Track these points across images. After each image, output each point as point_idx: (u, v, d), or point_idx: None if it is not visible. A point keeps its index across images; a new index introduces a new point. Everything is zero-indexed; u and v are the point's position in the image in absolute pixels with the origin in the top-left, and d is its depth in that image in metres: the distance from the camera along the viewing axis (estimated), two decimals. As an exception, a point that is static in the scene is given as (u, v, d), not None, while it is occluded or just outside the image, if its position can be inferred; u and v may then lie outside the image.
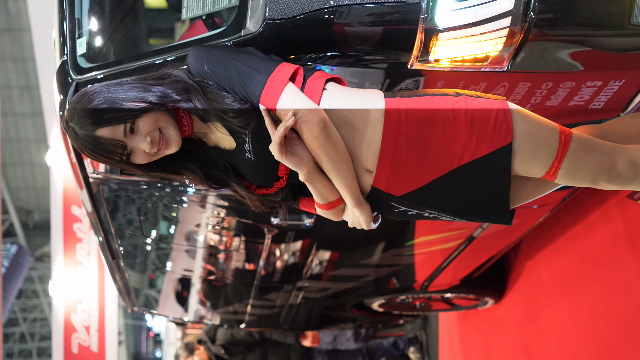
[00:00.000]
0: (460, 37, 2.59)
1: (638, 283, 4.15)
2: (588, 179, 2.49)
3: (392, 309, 6.57)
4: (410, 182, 2.47)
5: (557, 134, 2.43)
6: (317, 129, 2.33)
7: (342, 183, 2.44)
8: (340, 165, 2.40)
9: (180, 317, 7.02)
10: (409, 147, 2.41)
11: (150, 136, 2.40)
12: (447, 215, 2.58)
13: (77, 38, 3.06)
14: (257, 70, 2.37)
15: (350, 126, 2.44)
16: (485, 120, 2.41)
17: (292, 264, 5.02)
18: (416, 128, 2.41)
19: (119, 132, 2.38)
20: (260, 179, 2.58)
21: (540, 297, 5.45)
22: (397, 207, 2.56)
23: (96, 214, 4.23)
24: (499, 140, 2.40)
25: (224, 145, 2.56)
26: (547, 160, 2.44)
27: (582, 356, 4.75)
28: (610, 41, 2.66)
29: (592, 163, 2.45)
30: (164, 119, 2.43)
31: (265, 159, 2.48)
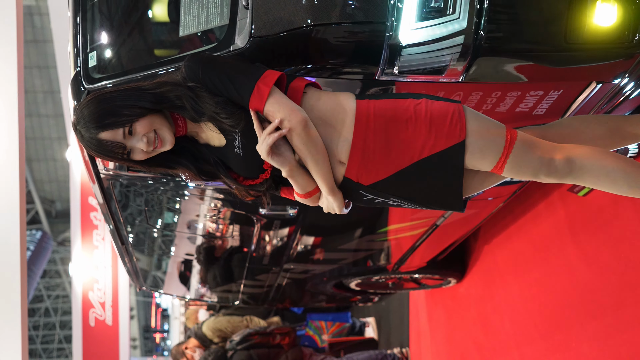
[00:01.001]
0: (420, 52, 2.62)
1: (576, 263, 4.19)
2: (530, 173, 2.52)
3: (367, 288, 6.59)
4: (377, 173, 2.51)
5: (504, 134, 2.47)
6: (299, 128, 2.37)
7: (319, 174, 2.48)
8: (318, 159, 2.44)
9: (183, 295, 7.03)
10: (377, 142, 2.46)
11: (146, 137, 2.44)
12: (409, 203, 2.62)
13: (89, 52, 3.08)
14: (246, 76, 2.40)
15: (327, 124, 2.48)
16: (443, 120, 2.44)
17: (278, 248, 5.03)
18: (382, 125, 2.45)
19: (118, 135, 2.43)
20: (248, 172, 2.61)
21: (496, 277, 5.48)
22: (365, 195, 2.59)
23: (107, 205, 4.24)
24: (454, 138, 2.44)
25: (214, 143, 2.59)
26: (495, 156, 2.47)
27: (530, 327, 4.78)
28: (549, 57, 2.69)
29: (534, 159, 2.49)
30: (158, 122, 2.47)
31: (252, 155, 2.50)
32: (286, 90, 2.48)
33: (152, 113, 2.45)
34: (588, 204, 4.10)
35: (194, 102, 2.42)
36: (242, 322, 8.31)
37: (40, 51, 21.37)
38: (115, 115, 2.40)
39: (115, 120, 2.40)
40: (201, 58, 2.50)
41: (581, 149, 2.53)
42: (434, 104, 2.49)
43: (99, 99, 2.43)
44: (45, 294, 32.05)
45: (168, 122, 2.51)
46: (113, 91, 2.46)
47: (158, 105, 2.44)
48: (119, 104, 2.41)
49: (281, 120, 2.36)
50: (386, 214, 4.66)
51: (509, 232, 5.20)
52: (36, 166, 25.91)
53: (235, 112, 2.41)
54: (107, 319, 12.86)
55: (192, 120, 2.51)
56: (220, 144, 2.58)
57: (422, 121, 2.44)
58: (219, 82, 2.41)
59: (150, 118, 2.45)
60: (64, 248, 28.86)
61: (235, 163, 2.59)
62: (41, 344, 33.05)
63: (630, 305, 3.62)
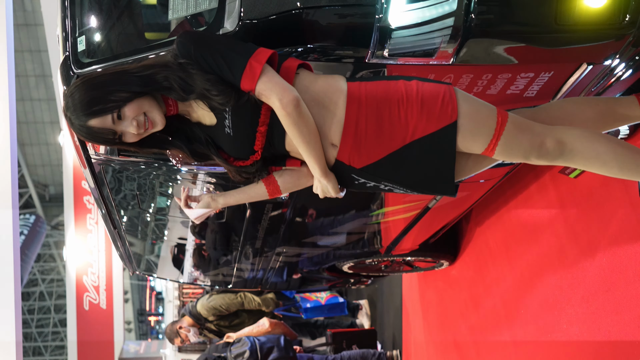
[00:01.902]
0: (410, 35, 2.61)
1: (567, 245, 4.19)
2: (521, 155, 2.52)
3: (360, 271, 6.60)
4: (369, 155, 2.50)
5: (495, 115, 2.47)
6: (291, 107, 2.36)
7: (311, 155, 2.47)
8: (310, 140, 2.43)
9: (177, 279, 7.02)
10: (368, 124, 2.45)
11: (136, 120, 2.43)
12: (400, 188, 2.61)
13: (78, 37, 3.05)
14: (239, 53, 2.38)
15: (319, 105, 2.47)
16: (434, 101, 2.44)
17: (271, 232, 5.03)
18: (374, 107, 2.45)
19: (107, 121, 2.41)
20: (238, 152, 2.60)
21: (487, 258, 5.49)
22: (357, 179, 2.59)
23: (98, 190, 4.22)
24: (446, 119, 2.43)
25: (205, 122, 2.58)
26: (486, 137, 2.47)
27: (522, 309, 4.79)
28: (540, 38, 2.67)
29: (525, 141, 2.49)
30: (147, 104, 2.45)
31: (243, 134, 2.50)
32: (278, 69, 2.46)
33: (140, 96, 2.43)
34: (579, 186, 4.10)
35: (182, 81, 2.40)
36: (237, 299, 8.30)
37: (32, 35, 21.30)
38: (102, 101, 2.38)
39: (103, 107, 2.38)
40: (193, 35, 2.49)
41: (572, 131, 2.53)
42: (424, 85, 2.48)
43: (87, 85, 2.40)
44: (40, 277, 32.06)
45: (157, 103, 2.49)
46: (100, 75, 2.44)
47: (146, 88, 2.42)
48: (106, 90, 2.39)
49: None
50: (378, 197, 4.65)
51: (500, 214, 5.20)
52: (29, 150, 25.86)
53: (226, 90, 2.39)
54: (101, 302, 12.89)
55: (181, 100, 2.49)
56: (211, 122, 2.56)
57: (414, 102, 2.43)
58: (211, 59, 2.39)
59: (139, 101, 2.43)
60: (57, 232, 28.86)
61: (226, 143, 2.58)
62: (36, 328, 33.10)
63: (621, 287, 3.62)
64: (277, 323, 7.90)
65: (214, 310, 8.15)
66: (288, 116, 2.37)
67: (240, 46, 2.42)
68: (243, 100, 2.41)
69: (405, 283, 7.93)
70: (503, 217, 5.16)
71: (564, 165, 2.58)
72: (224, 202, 2.81)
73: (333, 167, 2.57)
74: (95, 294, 12.67)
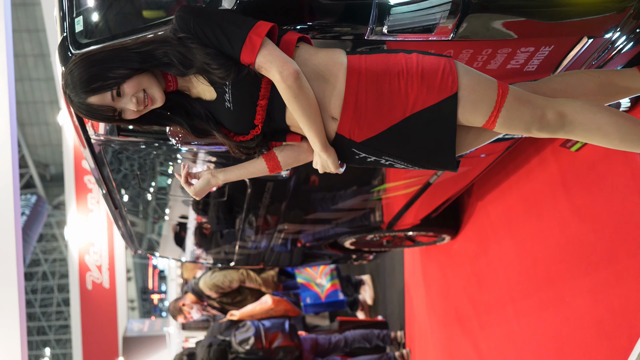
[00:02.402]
0: (409, 10, 2.59)
1: (570, 218, 4.19)
2: (522, 128, 2.52)
3: (362, 247, 6.61)
4: (369, 128, 2.50)
5: (496, 87, 2.47)
6: (291, 79, 2.35)
7: (311, 129, 2.46)
8: (310, 113, 2.42)
9: (179, 257, 7.04)
10: (368, 97, 2.45)
11: (135, 97, 2.43)
12: (401, 162, 2.61)
13: (76, 17, 3.04)
14: (238, 26, 2.37)
15: (319, 78, 2.47)
16: (434, 73, 2.44)
17: (272, 209, 5.03)
18: (374, 79, 2.45)
19: (107, 98, 2.41)
20: (238, 127, 2.59)
21: (489, 232, 5.50)
22: (357, 153, 2.59)
23: (99, 170, 4.22)
24: (446, 91, 2.43)
25: (205, 97, 2.57)
26: (487, 109, 2.47)
27: (524, 282, 4.81)
28: (540, 12, 2.66)
29: (526, 113, 2.49)
30: (146, 81, 2.45)
31: (243, 108, 2.50)
32: (278, 43, 2.45)
33: (139, 73, 2.42)
34: (581, 159, 4.09)
35: (181, 55, 2.40)
36: (239, 276, 8.32)
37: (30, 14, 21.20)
38: (102, 78, 2.37)
39: (102, 84, 2.38)
40: (193, 8, 2.49)
41: (573, 103, 2.53)
42: (425, 58, 2.48)
43: (85, 62, 2.39)
44: (42, 257, 32.16)
45: (157, 80, 2.49)
46: (99, 52, 2.43)
47: (145, 65, 2.42)
48: (105, 67, 2.38)
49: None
50: (379, 173, 4.65)
51: (502, 188, 5.20)
52: (29, 130, 25.84)
53: (226, 63, 2.38)
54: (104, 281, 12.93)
55: (181, 75, 2.49)
56: (211, 97, 2.55)
57: (414, 75, 2.43)
58: (210, 32, 2.38)
59: (138, 78, 2.42)
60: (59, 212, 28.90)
61: (226, 117, 2.57)
62: (40, 307, 33.24)
63: (623, 259, 3.63)
64: (280, 300, 7.93)
65: (216, 287, 8.17)
66: (288, 89, 2.36)
67: (240, 19, 2.41)
68: (243, 73, 2.40)
69: (407, 258, 7.94)
70: (504, 190, 5.16)
71: (565, 137, 2.58)
72: (224, 178, 2.80)
73: (333, 141, 2.57)
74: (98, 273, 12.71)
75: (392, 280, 8.62)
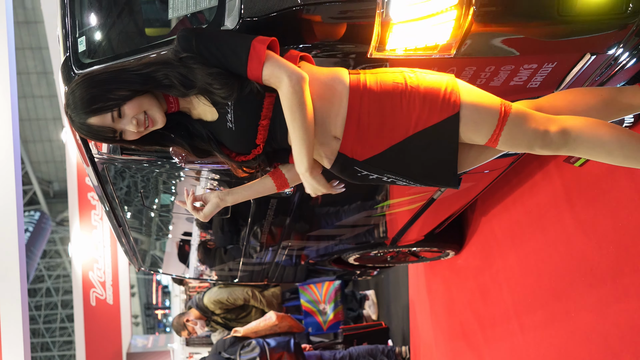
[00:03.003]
0: (412, 29, 2.60)
1: (573, 233, 4.18)
2: (525, 145, 2.52)
3: (366, 262, 6.60)
4: (371, 147, 2.50)
5: (498, 106, 2.47)
6: (300, 85, 2.35)
7: (303, 144, 2.44)
8: (307, 127, 2.41)
9: (183, 274, 7.03)
10: (371, 116, 2.46)
11: (135, 119, 2.43)
12: (404, 179, 2.61)
13: (79, 37, 3.05)
14: (241, 39, 2.39)
15: (321, 98, 2.47)
16: (436, 92, 2.44)
17: (276, 226, 5.03)
18: (376, 99, 2.46)
19: (107, 119, 2.41)
20: (240, 147, 2.59)
21: (493, 247, 5.48)
22: (360, 171, 2.59)
23: (102, 188, 4.22)
24: (448, 110, 2.43)
25: (207, 118, 2.57)
26: (489, 128, 2.47)
27: (529, 296, 4.79)
28: (542, 30, 2.66)
29: (528, 131, 2.49)
30: (147, 102, 2.45)
31: (245, 128, 2.50)
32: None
33: (140, 94, 2.43)
34: (584, 174, 4.08)
35: (182, 77, 2.41)
36: (244, 294, 8.30)
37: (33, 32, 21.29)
38: (102, 99, 2.38)
39: (103, 105, 2.38)
40: (195, 29, 2.54)
41: (576, 120, 2.53)
42: (427, 76, 2.49)
43: (87, 83, 2.40)
44: (46, 274, 32.14)
45: (158, 101, 2.49)
46: (101, 73, 2.44)
47: (145, 87, 2.42)
48: (106, 88, 2.39)
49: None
50: (383, 190, 4.65)
51: (506, 203, 5.19)
52: (32, 147, 25.89)
53: (229, 82, 2.39)
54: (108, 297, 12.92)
55: (182, 96, 2.49)
56: (212, 118, 2.55)
57: (416, 94, 2.44)
58: (214, 48, 2.39)
59: (139, 99, 2.43)
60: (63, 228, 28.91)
61: (228, 137, 2.57)
62: (44, 324, 33.20)
63: (628, 274, 3.62)
64: (284, 316, 7.91)
65: (220, 304, 8.16)
66: (295, 94, 2.35)
67: (241, 35, 2.43)
68: (245, 92, 2.41)
69: (411, 273, 7.93)
70: (508, 206, 5.15)
71: (569, 154, 2.57)
72: (232, 200, 2.80)
73: (336, 160, 2.57)
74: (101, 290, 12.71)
75: (397, 295, 8.60)
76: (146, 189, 4.54)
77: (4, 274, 8.29)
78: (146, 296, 35.62)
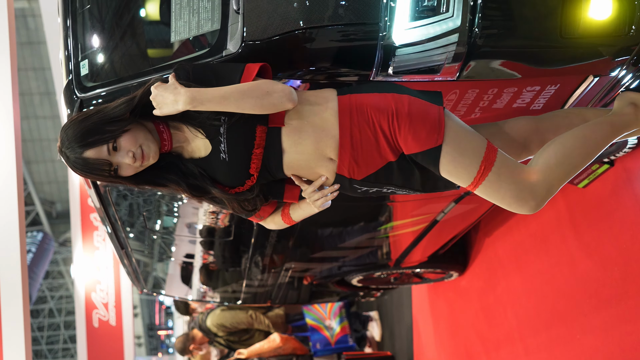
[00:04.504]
0: (414, 52, 2.60)
1: (577, 255, 4.17)
2: (508, 197, 2.47)
3: (369, 284, 6.58)
4: (367, 166, 2.50)
5: (481, 158, 2.42)
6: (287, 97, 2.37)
7: (232, 104, 2.37)
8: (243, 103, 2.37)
9: (185, 296, 7.01)
10: (362, 134, 2.46)
11: (132, 152, 2.42)
12: (404, 190, 2.59)
13: (81, 60, 3.05)
14: (234, 65, 2.45)
15: (312, 123, 2.47)
16: (423, 121, 2.42)
17: (279, 248, 5.01)
18: (365, 119, 2.46)
19: (103, 152, 2.40)
20: (234, 178, 2.57)
21: (497, 269, 5.47)
22: (359, 188, 2.59)
23: (104, 210, 4.21)
24: (431, 141, 2.41)
25: (199, 154, 2.57)
26: (467, 178, 2.45)
27: (533, 318, 4.77)
28: (545, 53, 2.66)
29: (509, 185, 2.44)
30: (142, 136, 2.45)
31: (238, 158, 2.50)
32: None
33: (135, 125, 2.43)
34: (588, 195, 4.08)
35: None
36: (247, 317, 8.27)
37: (35, 53, 21.34)
38: (99, 132, 2.39)
39: (99, 138, 2.39)
40: (190, 62, 2.58)
41: (549, 162, 2.48)
42: (416, 102, 2.47)
43: (81, 119, 2.42)
44: (49, 294, 32.06)
45: (153, 137, 2.50)
46: (93, 112, 2.46)
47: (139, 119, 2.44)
48: (101, 121, 2.40)
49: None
50: (386, 210, 4.64)
51: (509, 224, 5.18)
52: (35, 168, 25.89)
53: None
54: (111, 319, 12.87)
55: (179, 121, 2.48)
56: (206, 152, 2.55)
57: (402, 119, 2.42)
58: (210, 73, 2.43)
59: (134, 133, 2.43)
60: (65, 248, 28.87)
61: (221, 170, 2.56)
62: (46, 345, 33.10)
63: (633, 296, 3.60)
64: (288, 338, 7.89)
65: (223, 327, 8.13)
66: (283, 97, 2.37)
67: (233, 64, 2.49)
68: (236, 117, 2.41)
69: (415, 294, 7.90)
70: (512, 227, 5.14)
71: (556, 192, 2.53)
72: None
73: (335, 181, 2.56)
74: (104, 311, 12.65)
75: (400, 316, 8.57)
76: (149, 211, 4.54)
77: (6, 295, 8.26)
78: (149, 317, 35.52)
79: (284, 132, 2.48)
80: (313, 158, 2.51)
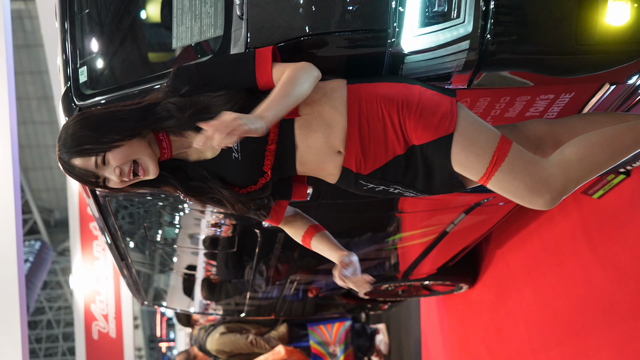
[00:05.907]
0: (424, 60, 2.58)
1: (592, 268, 4.15)
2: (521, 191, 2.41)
3: (376, 296, 6.56)
4: (374, 159, 2.46)
5: (493, 149, 2.37)
6: (309, 65, 2.37)
7: (283, 106, 2.30)
8: (294, 98, 2.33)
9: (187, 308, 7.00)
10: (370, 126, 2.42)
11: (119, 169, 2.35)
12: (410, 191, 2.55)
13: (79, 67, 3.04)
14: (242, 54, 2.44)
15: (321, 115, 2.44)
16: (433, 110, 2.39)
17: (283, 260, 5.00)
18: (374, 109, 2.42)
19: (90, 163, 2.34)
20: (247, 177, 2.53)
21: (509, 281, 5.45)
22: (365, 184, 2.54)
23: (103, 220, 4.20)
24: (442, 130, 2.37)
25: (206, 156, 2.52)
26: (479, 170, 2.39)
27: (545, 333, 4.75)
28: (560, 60, 2.63)
29: (523, 178, 2.37)
30: (137, 150, 2.38)
31: (252, 155, 2.46)
32: None
33: (132, 138, 2.37)
34: (603, 207, 4.05)
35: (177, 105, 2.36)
36: (247, 345, 8.22)
37: (33, 56, 21.36)
38: (92, 141, 2.32)
39: (90, 148, 2.32)
40: (187, 64, 2.53)
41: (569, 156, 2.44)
42: (427, 92, 2.45)
43: (82, 122, 2.35)
44: (47, 305, 32.06)
45: (151, 149, 2.42)
46: (98, 113, 2.39)
47: (143, 121, 2.37)
48: (99, 130, 2.34)
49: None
50: (395, 221, 4.62)
51: (521, 236, 5.16)
52: (33, 175, 25.90)
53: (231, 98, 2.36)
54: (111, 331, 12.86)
55: (179, 128, 2.41)
56: (213, 154, 2.51)
57: (413, 108, 2.39)
58: (216, 69, 2.39)
59: (128, 148, 2.36)
60: (64, 258, 28.86)
61: (233, 170, 2.52)
62: (44, 357, 33.09)
63: (650, 311, 3.58)
64: (293, 350, 7.88)
65: (223, 352, 8.12)
66: (305, 72, 2.34)
67: (238, 53, 2.49)
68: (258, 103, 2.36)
69: (423, 306, 7.88)
70: (524, 239, 5.12)
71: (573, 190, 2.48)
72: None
73: (340, 175, 2.53)
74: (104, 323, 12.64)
75: (408, 329, 8.55)
76: (149, 221, 4.52)
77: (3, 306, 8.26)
78: (150, 328, 35.49)
79: (296, 126, 2.45)
80: (323, 152, 2.48)
